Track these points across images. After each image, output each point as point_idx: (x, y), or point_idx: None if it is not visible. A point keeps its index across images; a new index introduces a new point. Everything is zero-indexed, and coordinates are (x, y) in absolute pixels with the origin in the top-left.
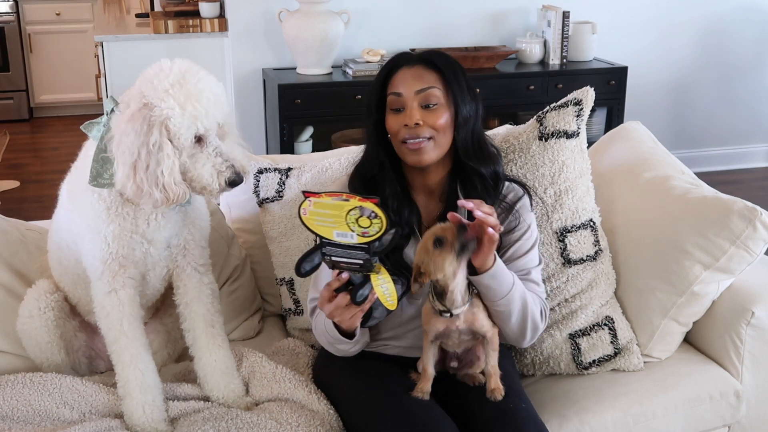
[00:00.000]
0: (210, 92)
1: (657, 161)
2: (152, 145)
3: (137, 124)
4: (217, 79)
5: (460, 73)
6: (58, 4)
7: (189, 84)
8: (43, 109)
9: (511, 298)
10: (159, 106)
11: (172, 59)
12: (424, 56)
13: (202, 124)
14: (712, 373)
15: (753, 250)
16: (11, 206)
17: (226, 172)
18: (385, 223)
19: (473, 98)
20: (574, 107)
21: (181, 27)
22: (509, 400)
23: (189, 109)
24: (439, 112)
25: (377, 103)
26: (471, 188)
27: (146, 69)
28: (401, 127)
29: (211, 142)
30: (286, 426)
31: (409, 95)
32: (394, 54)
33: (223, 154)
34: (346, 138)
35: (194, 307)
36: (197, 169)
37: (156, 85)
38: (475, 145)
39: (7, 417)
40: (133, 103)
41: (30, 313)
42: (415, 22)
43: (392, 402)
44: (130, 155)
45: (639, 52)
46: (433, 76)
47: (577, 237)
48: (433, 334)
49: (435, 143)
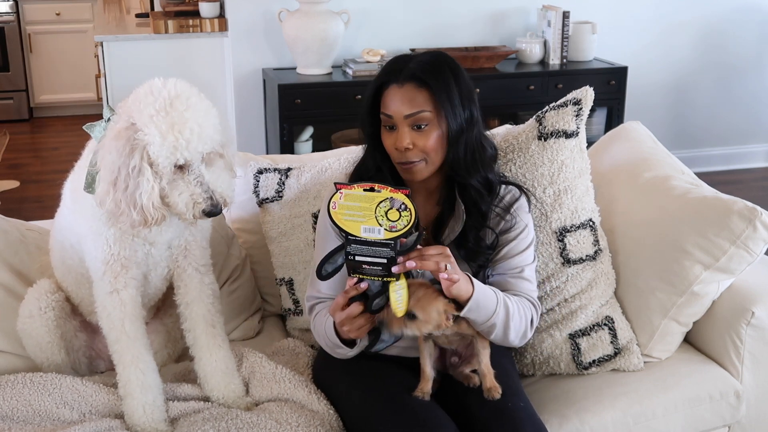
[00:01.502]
0: (195, 123)
1: (657, 161)
2: (131, 168)
3: (120, 143)
4: (210, 105)
5: (453, 84)
6: (58, 4)
7: (175, 112)
8: (43, 109)
9: (493, 323)
10: (142, 131)
11: (166, 79)
12: (415, 72)
13: (182, 155)
14: (712, 373)
15: (753, 250)
16: (11, 206)
17: (202, 204)
18: (413, 216)
19: (468, 105)
20: (574, 107)
21: (181, 27)
22: (507, 398)
23: (170, 140)
24: (430, 134)
25: (370, 117)
26: (467, 196)
27: (142, 85)
28: (393, 149)
29: (193, 171)
30: (286, 426)
31: (399, 118)
32: (394, 54)
33: (204, 183)
34: (346, 138)
35: (195, 307)
36: (174, 197)
37: (142, 109)
38: (467, 157)
39: (7, 417)
40: (122, 120)
41: (30, 313)
42: (415, 22)
43: (392, 402)
44: (111, 173)
45: (639, 52)
46: (423, 96)
47: (577, 237)
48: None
49: (427, 163)
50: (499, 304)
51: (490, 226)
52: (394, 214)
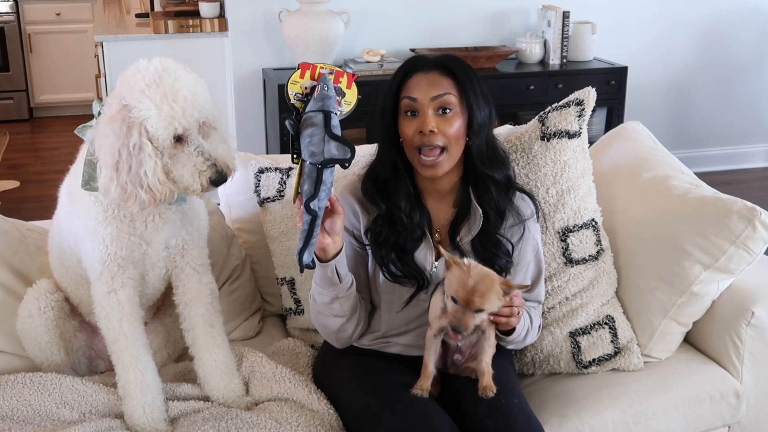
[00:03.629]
0: (187, 91)
1: (657, 161)
2: (132, 147)
3: (116, 125)
4: (198, 77)
5: (475, 79)
6: (58, 4)
7: (165, 83)
8: (43, 109)
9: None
10: (137, 107)
11: (150, 58)
12: (440, 62)
13: (180, 124)
14: (712, 373)
15: (753, 250)
16: (11, 206)
17: (208, 172)
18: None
19: (487, 103)
20: (576, 107)
21: (181, 27)
22: (502, 395)
23: (165, 110)
24: (453, 120)
25: (392, 107)
26: (484, 192)
27: (128, 68)
28: (416, 134)
29: (192, 141)
30: (285, 426)
31: (425, 101)
32: (395, 54)
33: (205, 152)
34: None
35: (193, 307)
36: (178, 170)
37: (133, 86)
38: (489, 151)
39: (7, 417)
40: (113, 104)
41: (29, 313)
42: (415, 22)
43: (391, 399)
44: (111, 157)
45: (639, 52)
46: (449, 83)
47: (579, 237)
48: (436, 327)
49: (448, 154)
50: (526, 322)
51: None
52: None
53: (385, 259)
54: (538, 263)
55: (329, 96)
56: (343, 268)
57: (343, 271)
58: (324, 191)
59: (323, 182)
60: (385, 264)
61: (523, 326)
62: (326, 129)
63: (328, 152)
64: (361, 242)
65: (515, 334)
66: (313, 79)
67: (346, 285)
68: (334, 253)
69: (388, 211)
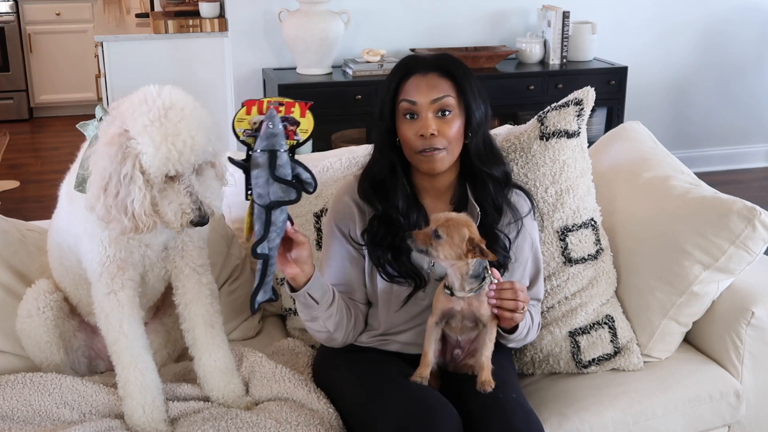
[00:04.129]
0: (188, 135)
1: (657, 161)
2: (123, 176)
3: (113, 150)
4: (205, 114)
5: (472, 78)
6: (58, 4)
7: (169, 123)
8: (43, 109)
9: (515, 342)
10: (136, 139)
11: (162, 86)
12: (438, 63)
13: (174, 167)
14: (712, 373)
15: (752, 250)
16: (11, 206)
17: (191, 214)
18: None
19: (483, 101)
20: (575, 107)
21: (181, 27)
22: (500, 390)
23: (163, 151)
24: (453, 121)
25: (389, 110)
26: (481, 189)
27: (137, 91)
28: (416, 137)
29: (184, 181)
30: (285, 425)
31: (424, 104)
32: (395, 54)
33: (194, 194)
34: (346, 138)
35: (193, 307)
36: (164, 205)
37: (137, 117)
38: (487, 149)
39: (7, 417)
40: (115, 125)
41: (29, 313)
42: (415, 22)
43: (391, 388)
44: (102, 178)
45: (639, 52)
46: (448, 84)
47: (578, 236)
48: (438, 313)
49: (448, 152)
50: (527, 320)
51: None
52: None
53: (381, 260)
54: (536, 261)
55: (275, 134)
56: (317, 292)
57: (318, 294)
58: (275, 231)
59: (273, 223)
60: (382, 265)
61: (525, 324)
62: (270, 170)
63: (274, 194)
64: (357, 244)
65: (518, 332)
66: (262, 113)
67: (324, 306)
68: (304, 281)
69: (384, 212)
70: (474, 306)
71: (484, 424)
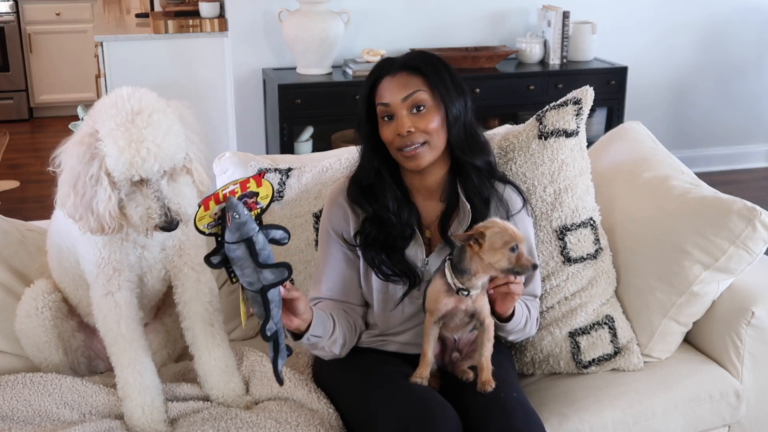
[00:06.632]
0: (153, 142)
1: (657, 161)
2: (89, 177)
3: (82, 149)
4: (175, 120)
5: (444, 70)
6: (58, 4)
7: (134, 128)
8: (43, 109)
9: (517, 330)
10: (102, 141)
11: (135, 89)
12: (406, 62)
13: (137, 173)
14: (712, 373)
15: (753, 250)
16: (11, 206)
17: (156, 219)
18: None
19: (460, 93)
20: (574, 106)
21: (181, 27)
22: (501, 389)
23: (126, 156)
24: (429, 115)
25: (367, 115)
26: (466, 180)
27: (112, 91)
28: (395, 137)
29: (152, 185)
30: (285, 425)
31: (396, 103)
32: (395, 54)
33: (161, 199)
34: (346, 138)
35: (192, 306)
36: (131, 208)
37: (105, 120)
38: (468, 138)
39: (7, 417)
40: (87, 124)
41: (27, 313)
42: (415, 22)
43: (391, 389)
44: (71, 177)
45: (639, 52)
46: (418, 80)
47: (577, 235)
48: (439, 314)
49: (430, 146)
50: (524, 310)
51: None
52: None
53: (375, 260)
54: (531, 256)
55: (243, 222)
56: (319, 329)
57: (320, 331)
58: (275, 308)
59: (270, 301)
60: (376, 265)
61: (522, 313)
62: (253, 259)
63: (265, 279)
64: (351, 244)
65: (514, 320)
66: (219, 202)
67: (327, 336)
68: (305, 328)
69: (375, 213)
70: (478, 303)
71: (483, 424)
